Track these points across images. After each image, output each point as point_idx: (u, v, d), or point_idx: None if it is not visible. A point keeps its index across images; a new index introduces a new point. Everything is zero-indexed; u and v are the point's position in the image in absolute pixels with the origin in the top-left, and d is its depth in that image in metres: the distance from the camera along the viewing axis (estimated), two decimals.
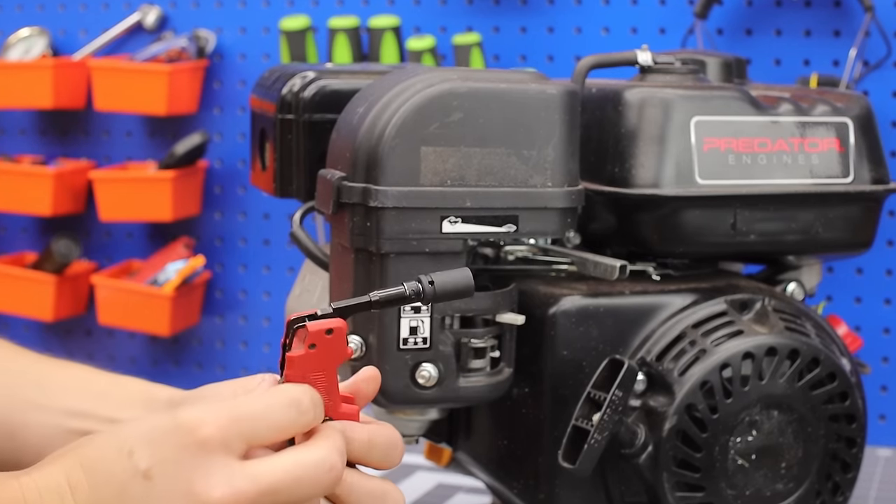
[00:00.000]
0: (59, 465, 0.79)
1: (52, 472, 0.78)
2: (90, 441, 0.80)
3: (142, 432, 0.78)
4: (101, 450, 0.79)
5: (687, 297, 1.13)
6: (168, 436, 0.77)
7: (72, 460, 0.79)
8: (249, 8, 2.28)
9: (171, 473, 0.76)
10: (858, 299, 1.94)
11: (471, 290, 0.82)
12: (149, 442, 0.77)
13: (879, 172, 1.20)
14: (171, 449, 0.77)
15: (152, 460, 0.77)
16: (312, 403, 0.79)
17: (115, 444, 0.78)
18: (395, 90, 1.03)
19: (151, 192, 2.27)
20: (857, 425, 1.12)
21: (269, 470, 0.77)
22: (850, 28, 1.91)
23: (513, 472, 1.14)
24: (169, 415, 0.78)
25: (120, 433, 0.79)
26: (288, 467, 0.78)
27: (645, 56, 1.16)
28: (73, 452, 0.80)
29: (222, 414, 0.77)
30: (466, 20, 2.15)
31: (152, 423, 0.79)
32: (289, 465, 0.78)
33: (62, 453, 0.80)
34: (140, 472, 0.77)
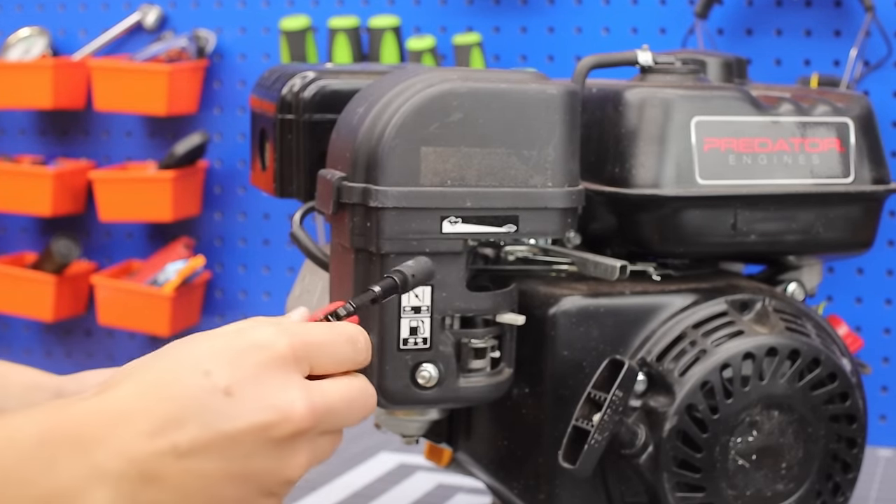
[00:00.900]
0: (128, 389, 0.77)
1: (119, 396, 0.77)
2: (150, 366, 0.78)
3: (214, 352, 0.79)
4: (171, 372, 0.78)
5: (687, 297, 1.13)
6: (243, 353, 0.79)
7: (140, 383, 0.77)
8: (249, 8, 2.28)
9: (252, 388, 0.78)
10: (859, 299, 1.94)
11: (433, 274, 0.94)
12: (226, 360, 0.78)
13: (880, 172, 1.20)
14: (249, 366, 0.78)
15: (232, 378, 0.78)
16: (366, 344, 0.85)
17: (186, 366, 0.78)
18: (395, 90, 1.03)
19: (151, 193, 2.27)
20: (858, 426, 1.12)
21: (332, 390, 0.81)
22: (850, 28, 1.91)
23: (513, 472, 1.14)
24: (239, 334, 0.80)
25: (185, 355, 0.79)
26: (343, 392, 0.82)
27: (645, 56, 1.16)
28: (136, 376, 0.78)
29: (295, 335, 0.81)
30: (466, 20, 2.15)
31: (223, 343, 0.79)
32: (344, 390, 0.82)
33: (123, 377, 0.78)
34: (220, 389, 0.77)
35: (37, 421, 0.75)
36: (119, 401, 0.77)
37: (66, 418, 0.75)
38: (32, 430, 0.74)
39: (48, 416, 0.75)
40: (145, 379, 0.78)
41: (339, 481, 1.57)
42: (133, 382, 0.78)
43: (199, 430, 0.77)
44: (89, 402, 0.77)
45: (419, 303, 1.02)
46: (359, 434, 1.77)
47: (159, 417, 0.76)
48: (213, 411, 0.77)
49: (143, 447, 0.76)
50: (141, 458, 0.76)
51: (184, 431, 0.77)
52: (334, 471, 1.61)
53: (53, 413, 0.76)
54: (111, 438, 0.75)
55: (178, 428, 0.76)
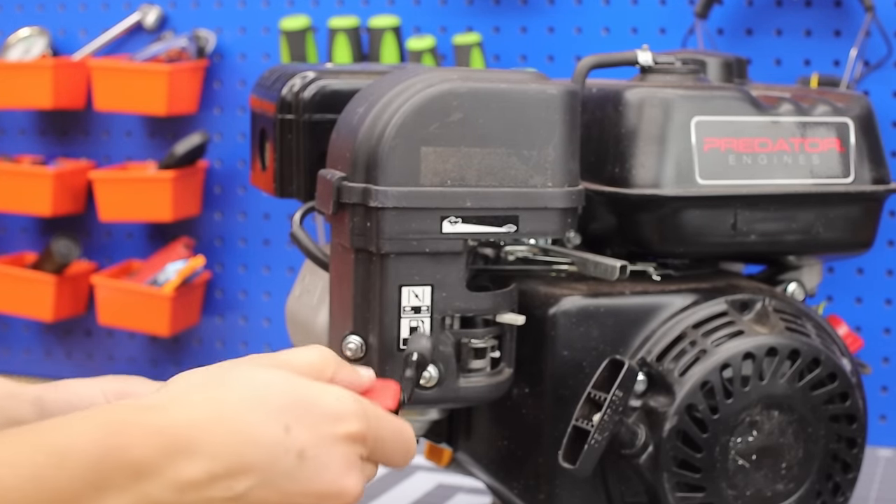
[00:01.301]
0: (199, 415, 0.76)
1: (187, 421, 0.76)
2: (226, 396, 0.77)
3: (297, 407, 0.79)
4: (251, 414, 0.77)
5: (687, 297, 1.13)
6: (324, 420, 0.79)
7: (214, 414, 0.76)
8: (249, 8, 2.28)
9: (322, 459, 0.79)
10: (859, 299, 1.94)
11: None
12: (307, 422, 0.79)
13: (880, 172, 1.20)
14: (327, 436, 0.79)
15: (308, 442, 0.78)
16: (414, 450, 0.87)
17: (268, 413, 0.78)
18: (396, 90, 1.03)
19: (151, 193, 2.27)
20: (858, 425, 1.12)
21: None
22: (850, 28, 1.91)
23: (513, 472, 1.14)
24: (323, 395, 0.80)
25: (266, 398, 0.78)
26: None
27: (645, 56, 1.16)
28: (210, 403, 0.77)
29: (372, 425, 0.82)
30: (466, 20, 2.15)
31: (307, 399, 0.80)
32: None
33: (191, 393, 0.77)
34: (295, 450, 0.78)
35: (93, 439, 0.73)
36: (186, 428, 0.75)
37: (125, 438, 0.74)
38: (88, 447, 0.73)
39: (105, 434, 0.73)
40: (220, 411, 0.77)
41: None
42: (205, 410, 0.77)
43: (260, 483, 0.77)
44: (151, 420, 0.75)
45: (419, 303, 1.02)
46: None
47: (226, 461, 0.76)
48: (281, 470, 0.77)
49: (200, 487, 0.75)
50: (193, 497, 0.75)
51: (245, 480, 0.76)
52: None
53: (111, 430, 0.74)
54: (168, 470, 0.74)
55: (241, 475, 0.76)
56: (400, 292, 1.02)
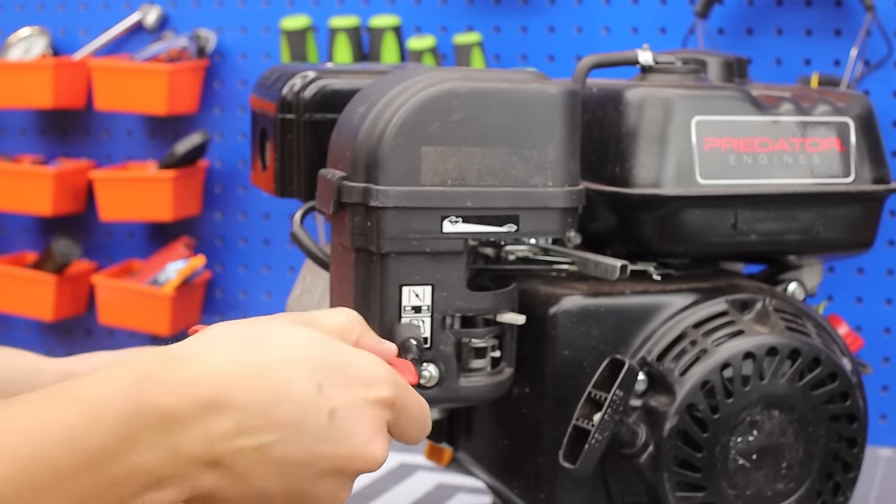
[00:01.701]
0: (231, 370, 0.75)
1: (219, 375, 0.75)
2: (260, 352, 0.77)
3: (331, 367, 0.79)
4: (285, 371, 0.77)
5: (688, 296, 1.13)
6: (356, 383, 0.79)
7: (247, 369, 0.76)
8: (250, 7, 2.28)
9: (351, 421, 0.78)
10: (859, 299, 1.94)
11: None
12: (340, 382, 0.79)
13: (880, 172, 1.20)
14: (358, 399, 0.79)
15: (339, 402, 0.78)
16: (429, 420, 0.87)
17: (302, 371, 0.77)
18: (396, 90, 1.03)
19: (152, 192, 2.27)
20: (858, 425, 1.12)
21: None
22: (850, 28, 1.91)
23: (513, 471, 1.14)
24: (356, 359, 0.80)
25: (301, 356, 0.78)
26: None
27: (646, 56, 1.16)
28: (244, 360, 0.76)
29: (401, 393, 0.83)
30: (467, 20, 2.15)
31: (341, 360, 0.80)
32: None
33: (224, 348, 0.77)
34: (326, 409, 0.78)
35: (125, 392, 0.73)
36: (218, 380, 0.75)
37: (157, 390, 0.74)
38: (120, 402, 0.73)
39: (138, 387, 0.73)
40: (254, 366, 0.77)
41: None
42: (239, 363, 0.76)
43: (289, 438, 0.77)
44: (184, 373, 0.75)
45: (420, 302, 1.03)
46: None
47: (257, 416, 0.76)
48: (311, 428, 0.77)
49: (229, 440, 0.75)
50: (221, 448, 0.75)
51: (275, 436, 0.76)
52: None
53: (143, 382, 0.74)
54: (199, 422, 0.74)
55: (272, 431, 0.76)
56: (400, 292, 1.02)
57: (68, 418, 0.71)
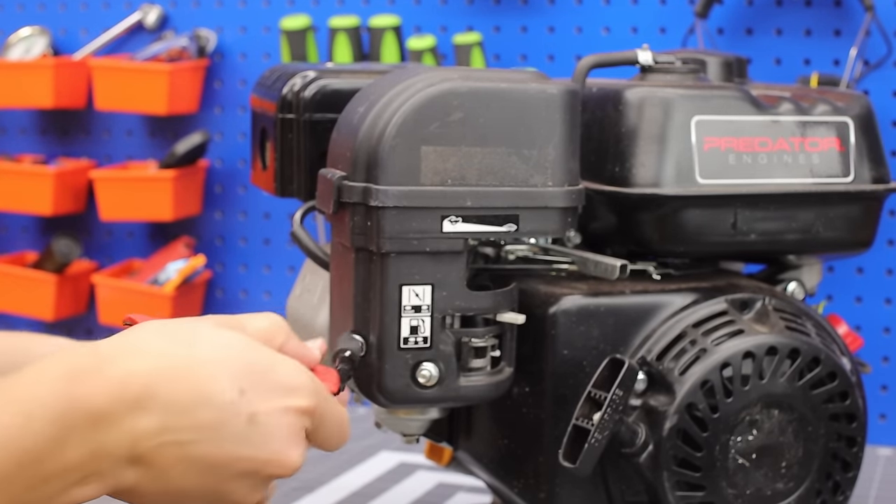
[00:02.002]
0: (157, 367, 0.77)
1: (145, 373, 0.77)
2: (186, 351, 0.79)
3: (253, 373, 0.80)
4: (208, 373, 0.79)
5: (687, 296, 1.13)
6: (277, 390, 0.81)
7: (172, 369, 0.78)
8: (250, 7, 2.28)
9: (270, 426, 0.80)
10: (859, 299, 1.94)
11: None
12: (261, 389, 0.80)
13: (880, 172, 1.21)
14: (278, 406, 0.81)
15: (260, 408, 0.80)
16: (348, 434, 0.90)
17: (225, 375, 0.79)
18: (396, 90, 1.03)
19: (152, 192, 2.27)
20: (858, 424, 1.12)
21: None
22: (850, 27, 1.91)
23: (513, 471, 1.14)
24: (278, 366, 0.82)
25: (225, 360, 0.80)
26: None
27: (645, 55, 1.16)
28: (171, 357, 0.78)
29: (321, 404, 0.85)
30: (467, 20, 2.15)
31: (263, 366, 0.81)
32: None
33: (153, 345, 0.78)
34: (246, 414, 0.79)
35: (56, 389, 0.74)
36: (145, 379, 0.77)
37: (87, 387, 0.75)
38: (52, 400, 0.74)
39: (68, 384, 0.75)
40: (180, 366, 0.78)
41: (340, 480, 1.57)
42: (165, 363, 0.78)
43: (208, 440, 0.79)
44: (113, 370, 0.76)
45: (420, 302, 1.03)
46: (359, 433, 1.77)
47: (180, 415, 0.77)
48: (230, 431, 0.79)
49: (152, 437, 0.77)
50: (144, 445, 0.77)
51: (195, 436, 0.78)
52: (334, 470, 1.61)
53: (74, 379, 0.75)
54: (125, 421, 0.76)
55: (193, 432, 0.78)
56: (400, 291, 1.02)
57: (3, 419, 0.73)
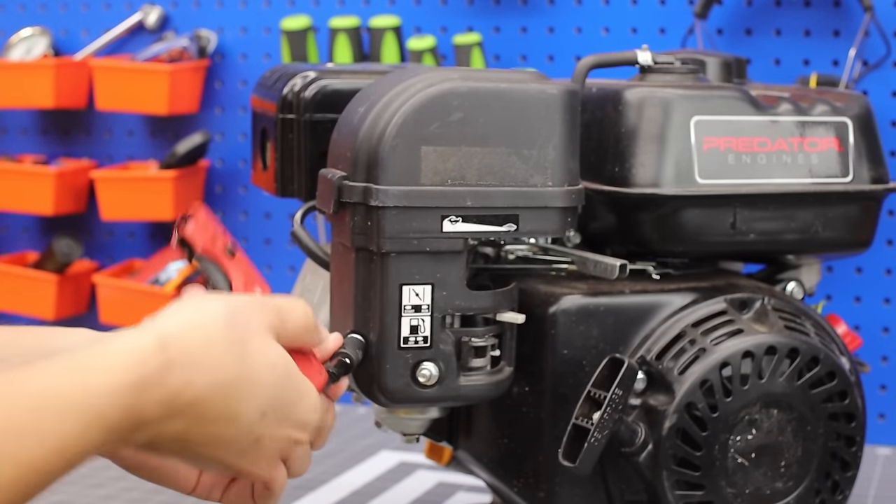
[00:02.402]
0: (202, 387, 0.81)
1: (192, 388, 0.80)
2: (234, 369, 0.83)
3: (278, 403, 0.86)
4: (246, 390, 0.83)
5: (687, 296, 1.13)
6: (290, 422, 0.88)
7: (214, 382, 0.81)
8: (250, 8, 2.28)
9: (270, 451, 0.88)
10: (858, 298, 1.94)
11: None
12: (277, 418, 0.87)
13: (879, 172, 1.21)
14: (285, 436, 0.88)
15: (269, 434, 0.87)
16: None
17: (258, 395, 0.84)
18: (396, 90, 1.04)
19: (153, 192, 2.27)
20: (857, 424, 1.12)
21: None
22: (849, 28, 1.91)
23: (513, 470, 1.14)
24: (299, 400, 0.88)
25: (264, 385, 0.84)
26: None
27: (645, 56, 1.16)
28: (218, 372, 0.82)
29: (322, 429, 0.93)
30: (467, 20, 2.15)
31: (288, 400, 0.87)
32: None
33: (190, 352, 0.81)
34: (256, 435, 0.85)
35: (116, 405, 0.76)
36: (193, 394, 0.80)
37: (144, 404, 0.77)
38: (109, 413, 0.76)
39: (130, 401, 0.77)
40: (224, 384, 0.82)
41: (340, 480, 1.58)
42: (215, 380, 0.81)
43: (215, 447, 0.84)
44: (170, 388, 0.79)
45: (420, 301, 1.03)
46: (360, 433, 1.77)
47: (203, 423, 0.82)
48: (237, 447, 0.85)
49: (170, 435, 0.81)
50: (161, 439, 0.81)
51: (206, 440, 0.83)
52: (335, 469, 1.61)
53: (136, 396, 0.77)
54: (160, 425, 0.79)
55: (206, 438, 0.83)
56: (400, 291, 1.02)
57: (63, 425, 0.74)
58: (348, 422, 1.82)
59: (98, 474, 1.55)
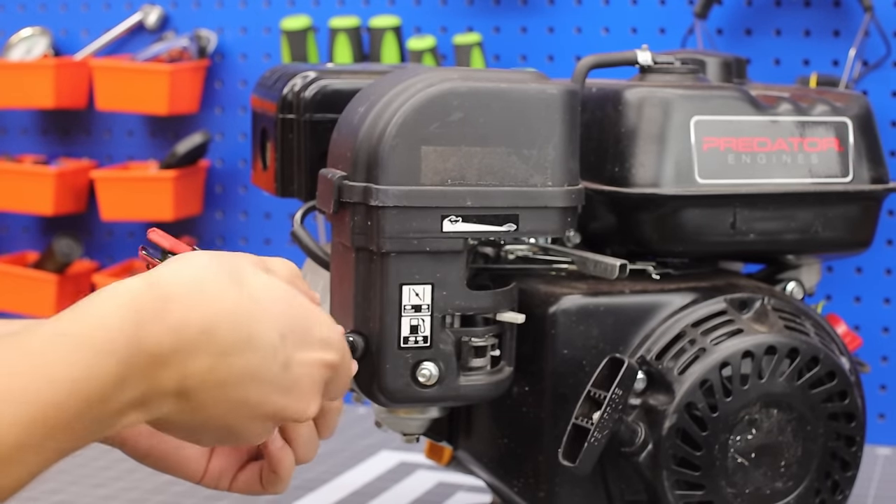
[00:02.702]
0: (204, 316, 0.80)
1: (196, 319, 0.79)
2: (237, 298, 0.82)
3: (294, 323, 0.84)
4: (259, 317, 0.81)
5: (687, 295, 1.13)
6: (313, 342, 0.85)
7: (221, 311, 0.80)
8: (250, 8, 2.28)
9: (301, 378, 0.85)
10: (858, 298, 1.94)
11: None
12: (299, 339, 0.84)
13: (878, 172, 1.21)
14: (313, 358, 0.85)
15: (296, 357, 0.84)
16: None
17: (272, 320, 0.82)
18: (396, 90, 1.04)
19: (153, 192, 2.27)
20: (857, 424, 1.12)
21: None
22: (849, 28, 1.91)
23: (513, 470, 1.14)
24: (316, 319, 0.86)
25: (276, 310, 0.83)
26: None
27: (645, 56, 1.16)
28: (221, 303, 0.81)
29: (345, 351, 0.88)
30: (467, 20, 2.15)
31: (301, 318, 0.85)
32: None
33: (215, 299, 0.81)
34: (282, 359, 0.82)
35: (121, 340, 0.76)
36: (201, 324, 0.79)
37: (148, 336, 0.77)
38: (116, 347, 0.76)
39: (133, 333, 0.77)
40: (231, 311, 0.81)
41: (340, 479, 1.58)
42: (219, 308, 0.80)
43: (248, 383, 0.81)
44: (173, 319, 0.78)
45: (420, 301, 1.03)
46: (360, 433, 1.77)
47: (227, 355, 0.80)
48: (267, 375, 0.82)
49: (199, 375, 0.79)
50: (190, 382, 0.79)
51: (237, 377, 0.81)
52: (335, 469, 1.61)
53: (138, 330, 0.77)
54: (178, 363, 0.78)
55: (236, 374, 0.81)
56: (401, 291, 1.02)
57: (71, 359, 0.74)
58: (348, 422, 1.82)
59: (99, 474, 1.55)
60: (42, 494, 1.49)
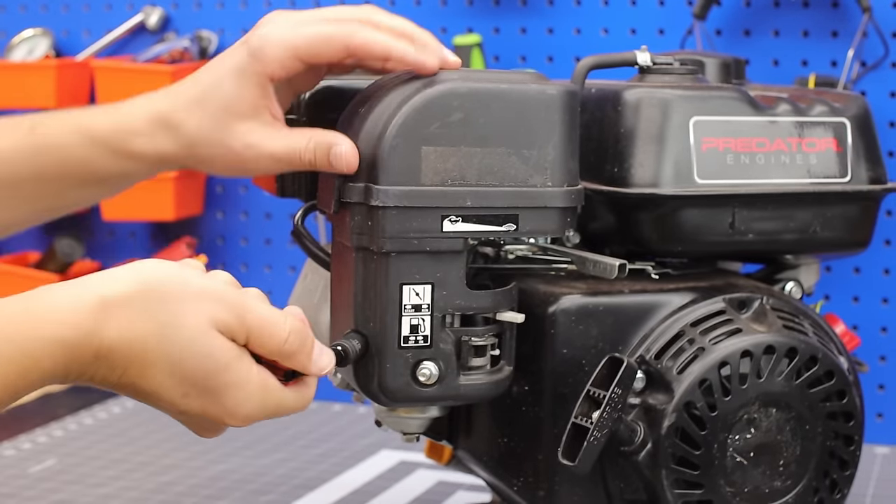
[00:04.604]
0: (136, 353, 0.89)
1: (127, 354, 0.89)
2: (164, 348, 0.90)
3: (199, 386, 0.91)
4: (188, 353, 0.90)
5: (686, 295, 1.13)
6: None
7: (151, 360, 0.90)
8: (251, 9, 2.29)
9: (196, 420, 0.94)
10: (856, 298, 1.94)
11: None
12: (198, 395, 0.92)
13: (877, 172, 1.21)
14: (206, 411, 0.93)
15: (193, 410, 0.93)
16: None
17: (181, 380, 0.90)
18: (396, 90, 1.04)
19: (154, 192, 2.27)
20: (855, 423, 1.12)
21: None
22: (847, 29, 1.91)
23: (513, 469, 1.14)
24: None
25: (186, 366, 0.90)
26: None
27: (644, 57, 1.17)
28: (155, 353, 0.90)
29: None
30: (466, 21, 2.16)
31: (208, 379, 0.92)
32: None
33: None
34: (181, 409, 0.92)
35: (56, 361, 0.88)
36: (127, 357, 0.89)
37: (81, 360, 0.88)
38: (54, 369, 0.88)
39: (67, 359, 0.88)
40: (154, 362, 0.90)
41: (340, 479, 1.58)
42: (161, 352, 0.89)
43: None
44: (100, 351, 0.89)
45: (420, 301, 1.03)
46: (360, 432, 1.77)
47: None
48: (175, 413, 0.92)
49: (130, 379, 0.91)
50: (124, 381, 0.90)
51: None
52: (335, 468, 1.62)
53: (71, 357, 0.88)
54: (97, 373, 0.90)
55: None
56: (401, 291, 1.03)
57: (9, 369, 0.86)
58: (348, 421, 1.83)
59: (98, 473, 1.55)
60: (42, 494, 1.49)
